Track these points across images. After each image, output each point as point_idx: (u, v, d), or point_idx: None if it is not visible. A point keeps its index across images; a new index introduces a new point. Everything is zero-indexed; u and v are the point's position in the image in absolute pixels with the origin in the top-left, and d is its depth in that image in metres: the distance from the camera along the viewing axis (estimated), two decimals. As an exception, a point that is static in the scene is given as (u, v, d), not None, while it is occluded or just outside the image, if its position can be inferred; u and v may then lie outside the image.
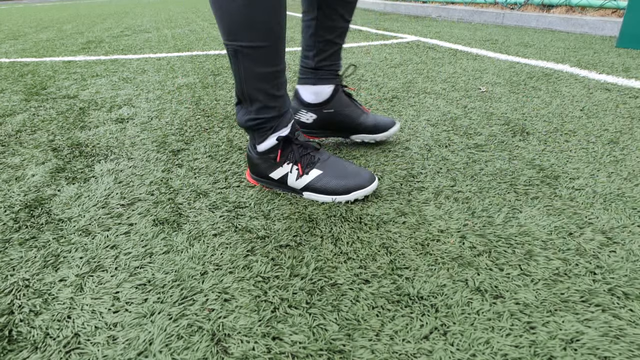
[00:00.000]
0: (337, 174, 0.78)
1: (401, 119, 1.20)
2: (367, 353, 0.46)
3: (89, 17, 5.66)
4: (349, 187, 0.77)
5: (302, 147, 0.80)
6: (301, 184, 0.79)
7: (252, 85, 0.73)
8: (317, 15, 0.88)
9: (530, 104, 1.29)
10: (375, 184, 0.78)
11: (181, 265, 0.61)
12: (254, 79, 0.72)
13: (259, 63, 0.71)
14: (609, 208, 0.72)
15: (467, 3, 4.11)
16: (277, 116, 0.77)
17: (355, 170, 0.79)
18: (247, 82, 0.73)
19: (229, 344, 0.48)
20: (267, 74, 0.72)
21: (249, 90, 0.74)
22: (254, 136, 0.80)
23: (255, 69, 0.71)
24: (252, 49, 0.69)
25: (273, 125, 0.78)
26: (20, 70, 2.13)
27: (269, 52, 0.70)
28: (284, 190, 0.82)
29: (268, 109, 0.76)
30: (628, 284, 0.54)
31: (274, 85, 0.74)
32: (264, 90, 0.74)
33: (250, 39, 0.68)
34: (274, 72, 0.73)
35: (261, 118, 0.77)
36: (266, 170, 0.81)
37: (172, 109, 1.38)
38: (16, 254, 0.65)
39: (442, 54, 2.16)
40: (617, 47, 2.18)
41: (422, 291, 0.55)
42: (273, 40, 0.69)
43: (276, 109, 0.77)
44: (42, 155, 1.03)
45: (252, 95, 0.74)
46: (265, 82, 0.73)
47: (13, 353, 0.47)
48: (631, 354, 0.45)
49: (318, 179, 0.78)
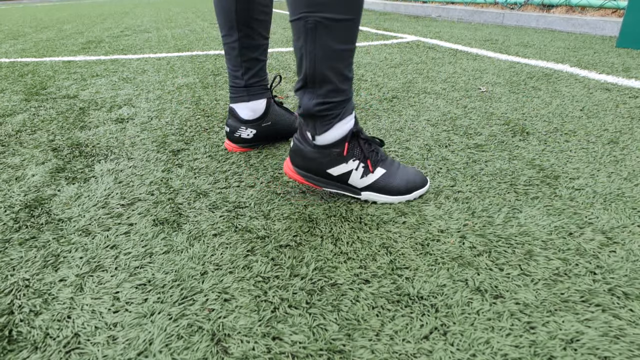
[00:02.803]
0: (398, 173, 0.77)
1: (401, 119, 1.20)
2: (367, 353, 0.46)
3: (89, 17, 5.66)
4: (409, 187, 0.76)
5: (368, 142, 0.76)
6: (365, 183, 0.75)
7: (326, 64, 0.68)
8: (239, 37, 0.92)
9: (530, 104, 1.29)
10: (429, 182, 0.79)
11: (181, 265, 0.61)
12: (331, 57, 0.67)
13: (340, 38, 0.66)
14: (609, 208, 0.72)
15: (467, 3, 4.11)
16: (346, 100, 0.72)
17: (411, 170, 0.79)
18: (322, 60, 0.67)
19: (229, 344, 0.48)
20: (344, 52, 0.67)
21: (322, 69, 0.68)
22: (315, 125, 0.73)
23: (334, 45, 0.66)
24: (336, 22, 0.64)
25: (340, 112, 0.72)
26: (20, 70, 2.13)
27: (352, 27, 0.65)
28: (338, 189, 0.77)
29: (338, 92, 0.70)
30: (628, 284, 0.54)
31: (347, 65, 0.69)
32: (338, 70, 0.68)
33: (337, 10, 0.63)
34: (351, 50, 0.68)
35: (330, 102, 0.71)
36: (324, 166, 0.75)
37: (172, 109, 1.38)
38: (16, 254, 0.65)
39: (442, 54, 2.16)
40: (617, 47, 2.18)
41: (422, 291, 0.55)
42: (357, 14, 0.65)
43: (346, 92, 0.71)
44: (42, 155, 1.03)
45: (325, 76, 0.69)
46: (341, 60, 0.68)
47: (13, 353, 0.47)
48: (631, 354, 0.45)
49: (383, 178, 0.75)
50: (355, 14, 0.65)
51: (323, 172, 0.76)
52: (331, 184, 0.77)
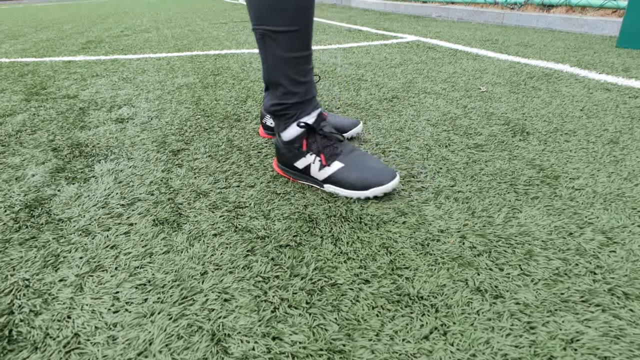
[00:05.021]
0: (358, 167, 0.77)
1: (401, 119, 1.20)
2: (367, 353, 0.46)
3: (89, 17, 5.66)
4: (368, 183, 0.76)
5: (325, 137, 0.80)
6: (323, 175, 0.79)
7: (277, 70, 0.74)
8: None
9: (530, 104, 1.29)
10: (394, 182, 0.76)
11: (181, 265, 0.61)
12: (281, 64, 0.74)
13: (285, 48, 0.72)
14: (609, 208, 0.72)
15: (467, 3, 4.11)
16: (299, 102, 0.78)
17: (377, 166, 0.78)
18: (274, 67, 0.74)
19: (229, 344, 0.48)
20: (292, 59, 0.73)
21: (274, 75, 0.75)
22: (278, 123, 0.81)
23: (281, 54, 0.72)
24: (279, 34, 0.70)
25: (296, 112, 0.79)
26: (20, 70, 2.13)
27: (296, 37, 0.71)
28: (307, 181, 0.83)
29: (291, 95, 0.77)
30: (628, 284, 0.54)
31: (298, 71, 0.75)
32: (288, 75, 0.75)
33: (278, 23, 0.69)
34: (299, 58, 0.74)
35: (285, 103, 0.78)
36: (291, 160, 0.82)
37: (172, 109, 1.38)
38: (16, 254, 0.65)
39: (442, 54, 2.16)
40: (617, 47, 2.18)
41: (422, 291, 0.55)
42: (302, 25, 0.70)
43: (299, 95, 0.77)
44: (42, 155, 1.03)
45: (277, 80, 0.76)
46: (290, 67, 0.74)
47: (13, 353, 0.47)
48: (631, 354, 0.45)
49: (339, 172, 0.78)
50: (298, 26, 0.70)
51: (292, 166, 0.83)
52: (301, 176, 0.83)
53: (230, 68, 1.99)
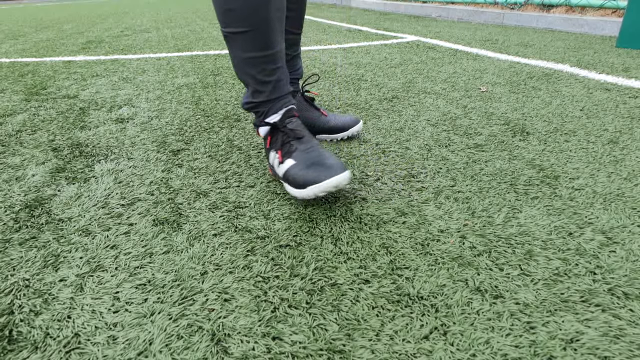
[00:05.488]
0: (306, 164, 0.73)
1: (401, 119, 1.20)
2: (367, 353, 0.46)
3: (89, 17, 5.66)
4: (306, 181, 0.71)
5: (286, 135, 0.80)
6: (281, 173, 0.79)
7: (241, 70, 0.78)
8: None
9: (530, 104, 1.29)
10: (334, 180, 0.69)
11: (181, 265, 0.61)
12: (242, 64, 0.76)
13: (243, 48, 0.74)
14: (609, 208, 0.72)
15: (467, 3, 4.11)
16: (267, 101, 0.80)
17: (327, 162, 0.71)
18: (237, 67, 0.78)
19: (229, 344, 0.48)
20: (252, 59, 0.75)
21: (240, 75, 0.79)
22: (255, 122, 0.85)
23: (242, 54, 0.75)
24: (236, 35, 0.73)
25: (266, 110, 0.81)
26: (20, 70, 2.13)
27: (250, 38, 0.72)
28: (279, 178, 0.82)
29: (259, 94, 0.80)
30: (628, 284, 0.54)
31: (261, 70, 0.77)
32: (251, 74, 0.77)
33: (230, 24, 0.72)
34: (259, 58, 0.75)
35: (254, 102, 0.81)
36: (268, 158, 0.84)
37: (172, 109, 1.38)
38: (16, 254, 0.65)
39: (442, 54, 2.16)
40: (617, 47, 2.18)
41: (422, 291, 0.55)
42: (254, 26, 0.71)
43: (265, 94, 0.79)
44: (42, 155, 1.03)
45: (244, 79, 0.79)
46: (252, 67, 0.76)
47: (13, 353, 0.47)
48: (631, 354, 0.45)
49: (290, 169, 0.75)
50: (250, 27, 0.71)
51: (269, 163, 0.85)
52: (275, 174, 0.83)
53: (230, 68, 1.99)
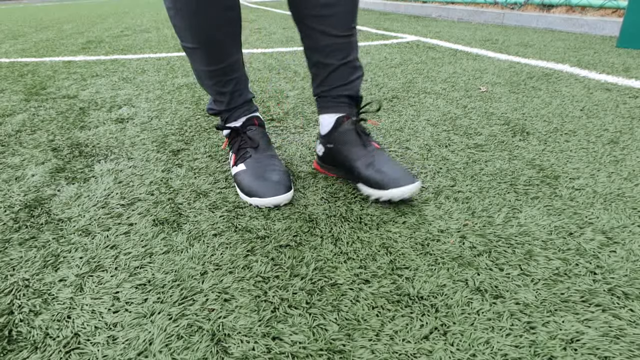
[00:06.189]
0: (255, 173, 0.78)
1: (401, 119, 1.20)
2: (367, 353, 0.46)
3: (89, 17, 5.66)
4: (251, 191, 0.76)
5: (244, 141, 0.84)
6: (233, 173, 0.83)
7: (200, 80, 0.83)
8: (301, 35, 0.79)
9: (530, 104, 1.29)
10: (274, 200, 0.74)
11: (181, 265, 0.61)
12: (200, 75, 0.81)
13: (196, 62, 0.78)
14: (609, 208, 0.72)
15: (467, 3, 4.11)
16: (226, 110, 0.85)
17: (272, 179, 0.75)
18: (197, 77, 0.83)
19: (229, 344, 0.48)
20: (205, 72, 0.79)
21: (200, 84, 0.84)
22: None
23: (198, 67, 0.79)
24: (188, 49, 0.77)
25: (227, 116, 0.86)
26: (20, 70, 2.13)
27: (200, 54, 0.76)
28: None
29: (218, 102, 0.85)
30: (628, 284, 0.54)
31: (217, 82, 0.81)
32: (209, 85, 0.82)
33: (184, 40, 0.76)
34: (214, 71, 0.79)
35: (216, 109, 0.87)
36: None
37: (172, 109, 1.38)
38: (16, 254, 0.65)
39: (442, 54, 2.16)
40: (617, 47, 2.18)
41: (422, 291, 0.55)
42: (201, 44, 0.74)
43: (223, 104, 0.84)
44: (42, 155, 1.03)
45: (204, 88, 0.85)
46: (208, 78, 0.80)
47: (13, 353, 0.47)
48: (631, 354, 0.45)
49: (239, 174, 0.80)
50: (198, 44, 0.74)
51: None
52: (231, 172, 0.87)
53: (230, 68, 1.98)
